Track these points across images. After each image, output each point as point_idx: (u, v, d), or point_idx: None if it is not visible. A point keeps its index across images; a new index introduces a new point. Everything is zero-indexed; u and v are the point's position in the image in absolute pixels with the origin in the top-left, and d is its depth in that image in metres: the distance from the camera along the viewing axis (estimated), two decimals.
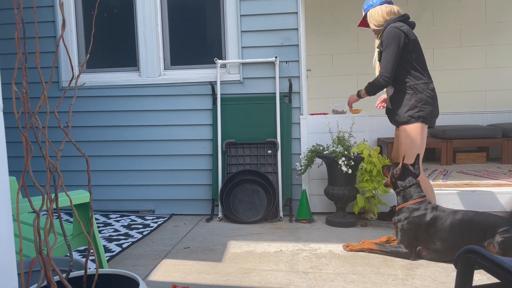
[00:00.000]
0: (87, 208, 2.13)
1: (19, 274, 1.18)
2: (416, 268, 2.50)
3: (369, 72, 6.04)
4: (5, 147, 1.11)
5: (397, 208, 2.76)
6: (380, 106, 3.42)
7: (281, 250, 2.89)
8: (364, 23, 3.25)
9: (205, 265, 2.64)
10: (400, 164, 2.79)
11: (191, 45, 4.07)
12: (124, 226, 3.58)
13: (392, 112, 3.08)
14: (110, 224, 3.64)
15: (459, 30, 5.93)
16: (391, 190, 3.49)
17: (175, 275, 2.50)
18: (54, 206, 1.24)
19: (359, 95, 3.21)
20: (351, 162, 3.31)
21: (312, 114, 3.90)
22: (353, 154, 3.36)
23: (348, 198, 3.40)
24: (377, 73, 3.21)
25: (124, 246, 3.06)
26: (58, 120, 1.25)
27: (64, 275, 1.25)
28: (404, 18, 3.06)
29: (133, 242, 3.14)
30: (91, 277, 1.33)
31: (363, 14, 3.19)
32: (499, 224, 2.43)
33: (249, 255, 2.81)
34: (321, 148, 3.57)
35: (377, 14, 3.09)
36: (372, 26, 3.13)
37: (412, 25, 3.08)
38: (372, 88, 3.07)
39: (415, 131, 2.97)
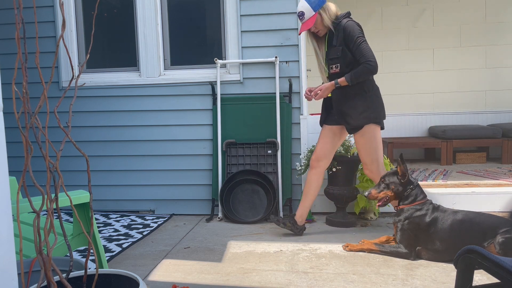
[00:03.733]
0: (87, 208, 2.13)
1: (19, 274, 1.18)
2: (416, 268, 2.50)
3: None
4: (5, 147, 1.11)
5: (398, 208, 2.75)
6: (309, 97, 3.05)
7: (281, 250, 2.89)
8: (308, 25, 2.89)
9: (205, 265, 2.64)
10: (400, 167, 2.71)
11: (191, 45, 4.07)
12: (124, 226, 3.58)
13: (344, 114, 2.93)
14: (110, 224, 3.64)
15: (459, 30, 5.93)
16: None
17: (175, 275, 2.50)
18: (54, 206, 1.24)
19: (337, 83, 2.87)
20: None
21: (312, 114, 3.90)
22: (353, 154, 3.36)
23: (348, 198, 3.40)
24: (323, 76, 3.04)
25: (124, 246, 3.06)
26: (58, 120, 1.25)
27: (64, 275, 1.25)
28: (350, 15, 2.96)
29: (133, 242, 3.14)
30: (91, 277, 1.33)
31: (312, 14, 2.85)
32: (500, 224, 2.43)
33: (249, 255, 2.81)
34: None
35: (333, 9, 2.91)
36: (327, 22, 2.88)
37: None
38: (361, 75, 2.80)
39: (375, 131, 2.91)
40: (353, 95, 2.89)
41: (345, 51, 2.87)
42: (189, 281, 2.39)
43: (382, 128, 2.98)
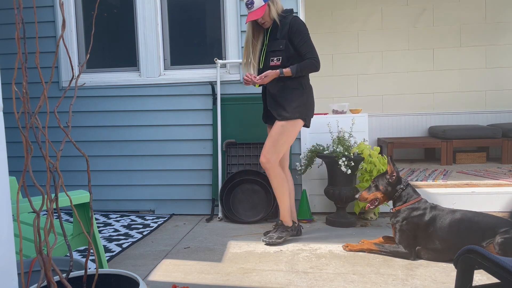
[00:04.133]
0: (87, 208, 2.13)
1: (19, 274, 1.18)
2: (416, 268, 2.50)
3: (369, 72, 6.06)
4: (5, 147, 1.11)
5: (394, 210, 2.74)
6: (249, 82, 3.01)
7: (281, 250, 2.89)
8: (257, 14, 2.90)
9: (205, 265, 2.64)
10: (389, 166, 2.73)
11: (191, 45, 4.06)
12: (124, 226, 3.58)
13: (278, 106, 2.96)
14: (110, 224, 3.64)
15: (459, 30, 5.93)
16: None
17: (175, 275, 2.50)
18: (54, 206, 1.24)
19: (281, 73, 2.91)
20: (351, 163, 3.30)
21: None
22: (353, 154, 3.36)
23: (348, 198, 3.40)
24: (249, 70, 3.06)
25: (124, 246, 3.06)
26: (58, 120, 1.25)
27: (64, 275, 1.25)
28: (294, 12, 3.06)
29: (133, 242, 3.14)
30: (91, 277, 1.33)
31: (262, 4, 2.89)
32: (499, 224, 2.43)
33: (249, 255, 2.81)
34: (321, 148, 3.57)
35: (280, 3, 2.99)
36: (273, 15, 2.93)
37: None
38: (306, 69, 2.91)
39: (297, 128, 2.98)
40: (291, 89, 2.96)
41: (288, 45, 2.93)
42: (189, 281, 2.39)
43: (307, 126, 3.08)
